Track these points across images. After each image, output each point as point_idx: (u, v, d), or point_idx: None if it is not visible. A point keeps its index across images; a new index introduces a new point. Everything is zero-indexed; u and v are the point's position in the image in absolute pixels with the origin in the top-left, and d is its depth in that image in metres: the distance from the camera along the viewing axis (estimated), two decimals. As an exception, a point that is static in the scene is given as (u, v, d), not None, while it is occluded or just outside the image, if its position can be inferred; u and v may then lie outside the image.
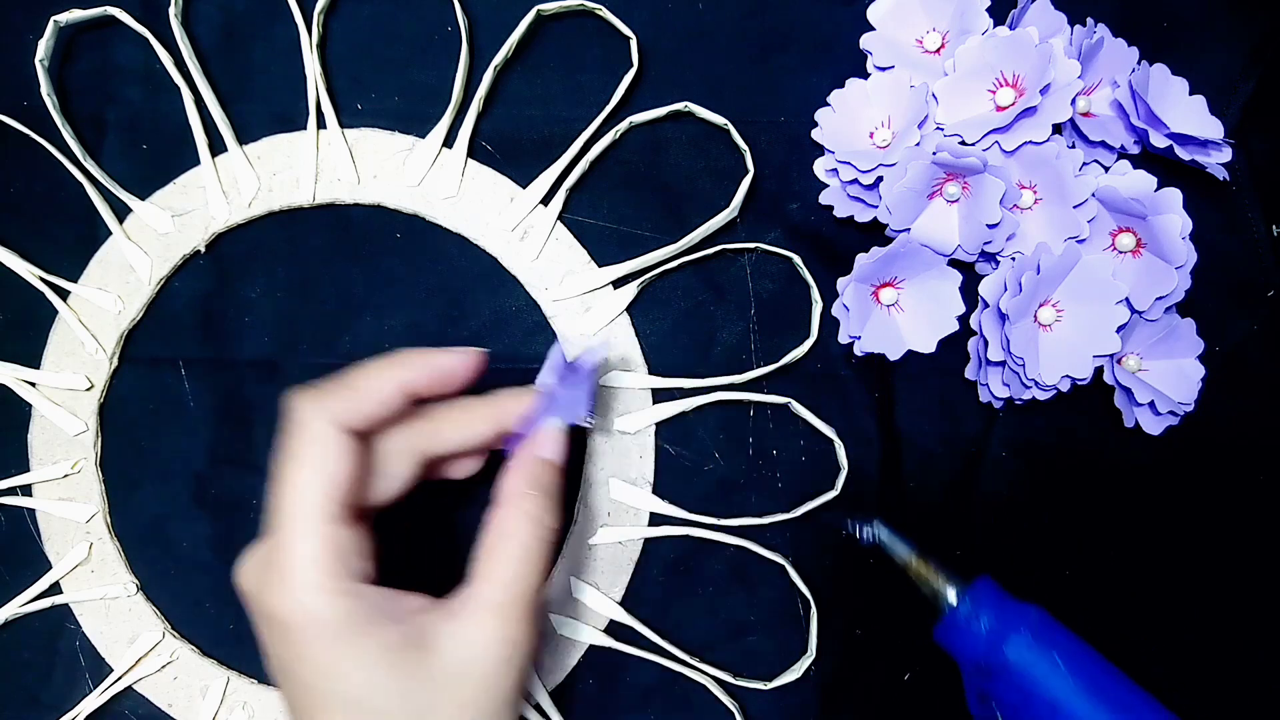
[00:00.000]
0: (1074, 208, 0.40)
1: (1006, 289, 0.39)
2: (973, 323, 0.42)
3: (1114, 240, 0.41)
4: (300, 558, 0.29)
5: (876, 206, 0.41)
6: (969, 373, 0.42)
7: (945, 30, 0.42)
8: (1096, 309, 0.40)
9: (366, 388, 0.32)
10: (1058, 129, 0.40)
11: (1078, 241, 0.40)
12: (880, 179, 0.40)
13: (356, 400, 0.31)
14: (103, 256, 0.43)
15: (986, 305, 0.40)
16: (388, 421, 0.33)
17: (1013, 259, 0.41)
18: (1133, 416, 0.41)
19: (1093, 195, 0.40)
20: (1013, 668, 0.34)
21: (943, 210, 0.41)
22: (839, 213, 0.42)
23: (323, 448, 0.30)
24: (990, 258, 0.42)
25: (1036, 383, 0.40)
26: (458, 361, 0.33)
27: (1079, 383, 0.40)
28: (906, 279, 0.42)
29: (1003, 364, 0.40)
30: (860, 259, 0.40)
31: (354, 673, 0.28)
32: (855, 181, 0.41)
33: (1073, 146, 0.41)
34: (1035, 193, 0.41)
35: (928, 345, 0.42)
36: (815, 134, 0.42)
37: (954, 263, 0.42)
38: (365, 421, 0.31)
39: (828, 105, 0.42)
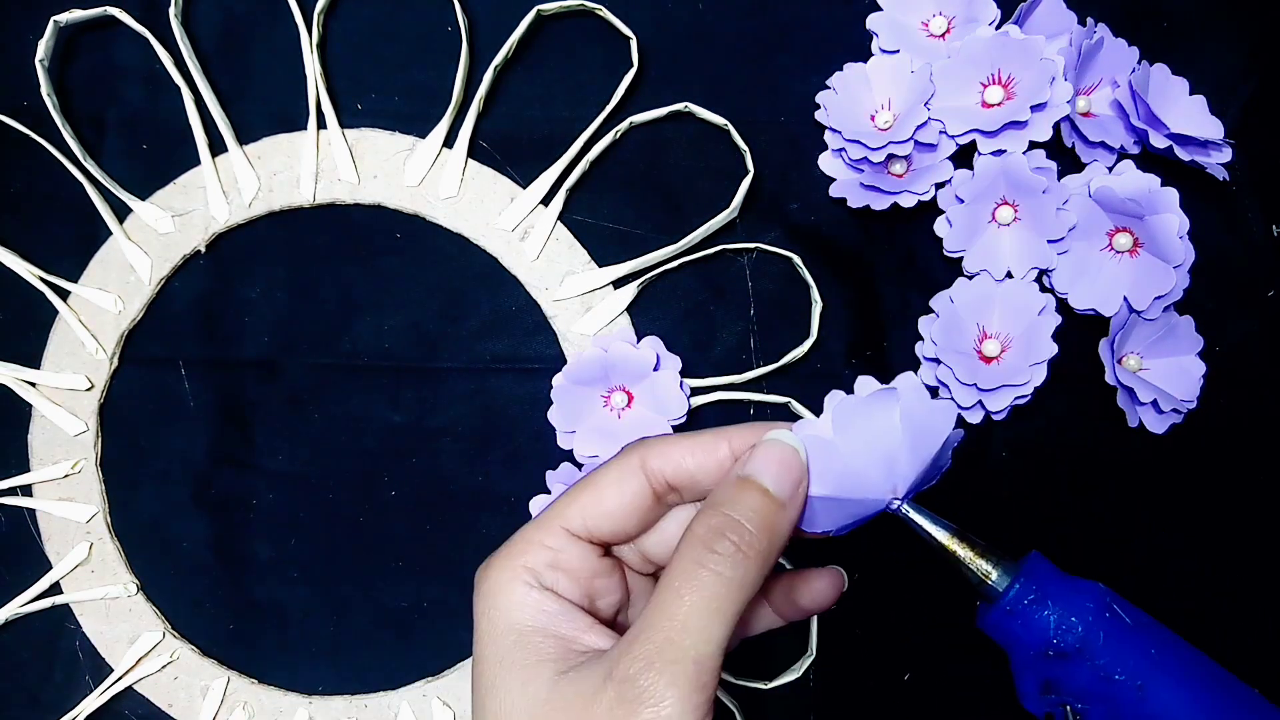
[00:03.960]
0: (1049, 242, 0.40)
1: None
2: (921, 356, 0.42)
3: (1111, 240, 0.41)
4: (521, 542, 0.29)
5: (894, 194, 0.41)
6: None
7: (952, 16, 0.41)
8: (1028, 328, 0.41)
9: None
10: (1035, 145, 0.40)
11: (1045, 272, 0.41)
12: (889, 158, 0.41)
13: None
14: (103, 256, 0.43)
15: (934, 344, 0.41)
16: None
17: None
18: (1136, 416, 0.41)
19: (1091, 197, 0.40)
20: (1091, 650, 0.30)
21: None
22: (853, 203, 0.41)
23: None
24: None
25: (984, 405, 0.41)
26: None
27: (1019, 402, 0.41)
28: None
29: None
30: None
31: (505, 672, 0.27)
32: (865, 160, 0.40)
33: (1072, 147, 0.41)
34: (1015, 211, 0.41)
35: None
36: (819, 115, 0.42)
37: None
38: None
39: (829, 88, 0.42)
